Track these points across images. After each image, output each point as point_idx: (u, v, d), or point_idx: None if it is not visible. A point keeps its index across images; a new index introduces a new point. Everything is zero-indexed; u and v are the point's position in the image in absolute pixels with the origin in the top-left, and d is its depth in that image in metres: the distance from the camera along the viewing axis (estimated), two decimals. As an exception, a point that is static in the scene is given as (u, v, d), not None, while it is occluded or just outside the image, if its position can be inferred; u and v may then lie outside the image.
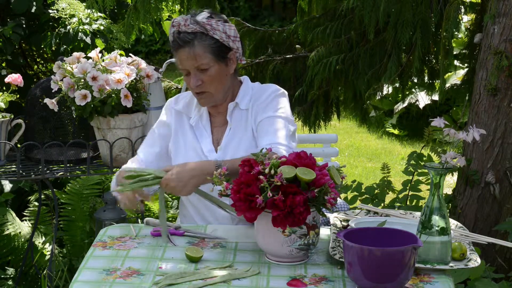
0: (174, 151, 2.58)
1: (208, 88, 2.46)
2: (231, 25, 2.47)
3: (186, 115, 2.60)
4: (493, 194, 3.51)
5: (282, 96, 2.54)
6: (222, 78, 2.48)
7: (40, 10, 4.02)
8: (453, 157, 2.08)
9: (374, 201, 3.80)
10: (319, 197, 2.06)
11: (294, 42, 4.54)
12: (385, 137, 7.40)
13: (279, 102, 2.51)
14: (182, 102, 2.62)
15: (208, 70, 2.44)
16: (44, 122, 3.28)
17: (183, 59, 2.43)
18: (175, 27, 2.42)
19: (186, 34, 2.40)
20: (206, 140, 2.55)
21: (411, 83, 4.66)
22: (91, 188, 3.97)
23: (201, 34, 2.41)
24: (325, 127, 4.46)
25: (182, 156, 2.54)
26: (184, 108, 2.60)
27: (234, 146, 2.50)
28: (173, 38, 2.44)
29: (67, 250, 3.90)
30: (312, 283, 2.02)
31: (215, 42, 2.42)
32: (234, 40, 2.47)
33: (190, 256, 2.15)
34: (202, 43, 2.41)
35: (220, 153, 2.51)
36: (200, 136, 2.56)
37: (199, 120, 2.58)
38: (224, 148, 2.51)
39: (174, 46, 2.44)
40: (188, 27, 2.40)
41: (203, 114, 2.58)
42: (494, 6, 3.42)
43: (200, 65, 2.42)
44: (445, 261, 2.09)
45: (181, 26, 2.41)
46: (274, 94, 2.52)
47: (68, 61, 3.08)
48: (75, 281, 2.03)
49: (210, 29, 2.41)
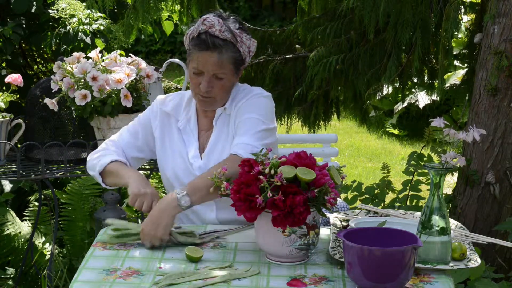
0: (162, 158, 2.57)
1: (216, 95, 2.45)
2: (254, 41, 2.47)
3: (174, 118, 2.58)
4: (493, 194, 3.51)
5: (260, 97, 2.50)
6: (230, 87, 2.49)
7: (40, 10, 4.02)
8: (453, 157, 2.09)
9: (374, 201, 3.80)
10: (319, 197, 2.06)
11: (294, 42, 4.54)
12: (385, 137, 7.41)
13: (255, 104, 2.47)
14: (171, 103, 2.58)
15: (223, 80, 2.43)
16: (44, 122, 3.28)
17: (205, 61, 2.40)
18: (206, 25, 2.38)
19: (218, 39, 2.37)
20: (192, 146, 2.54)
21: (411, 83, 4.66)
22: (91, 188, 3.97)
23: (231, 44, 2.40)
24: (325, 127, 4.46)
25: (171, 163, 2.54)
26: (172, 110, 2.58)
27: (218, 152, 2.49)
28: (199, 36, 2.39)
29: (67, 250, 3.90)
30: (312, 283, 2.02)
31: (239, 55, 2.43)
32: (251, 55, 2.48)
33: (190, 256, 2.16)
34: (229, 53, 2.40)
35: (204, 159, 2.50)
36: (187, 141, 2.55)
37: (187, 123, 2.56)
38: (208, 154, 2.50)
39: (198, 45, 2.39)
40: (222, 33, 2.37)
41: (191, 117, 2.56)
42: (494, 6, 3.42)
43: (220, 73, 2.41)
44: (445, 261, 2.09)
45: (214, 29, 2.37)
46: (253, 97, 2.49)
47: (68, 61, 3.08)
48: (75, 281, 2.03)
49: (240, 41, 2.41)
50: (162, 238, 2.24)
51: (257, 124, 2.42)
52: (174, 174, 2.54)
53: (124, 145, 2.58)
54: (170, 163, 2.55)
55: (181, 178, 2.52)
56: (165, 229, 2.24)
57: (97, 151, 2.58)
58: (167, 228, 2.25)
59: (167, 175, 2.56)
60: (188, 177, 2.48)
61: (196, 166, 2.50)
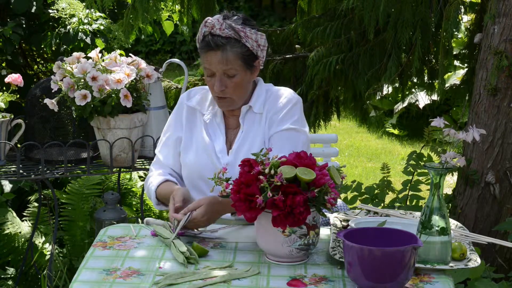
0: (186, 152, 2.55)
1: (231, 94, 2.45)
2: (262, 34, 2.46)
3: (200, 112, 2.57)
4: (493, 194, 3.51)
5: (296, 105, 2.52)
6: (245, 85, 2.48)
7: (40, 10, 4.02)
8: (453, 157, 2.09)
9: (374, 201, 3.80)
10: (319, 197, 2.06)
11: (294, 42, 4.54)
12: (385, 137, 7.40)
13: (293, 113, 2.49)
14: (195, 98, 2.59)
15: (235, 77, 2.43)
16: (44, 122, 3.28)
17: (212, 61, 2.41)
18: (208, 27, 2.39)
19: (219, 38, 2.38)
20: (219, 139, 2.52)
21: (411, 83, 4.66)
22: (91, 188, 3.97)
23: (234, 40, 2.39)
24: (325, 127, 4.46)
25: (194, 158, 2.52)
26: (197, 104, 2.57)
27: (246, 150, 2.47)
28: (204, 39, 2.41)
29: (67, 250, 3.90)
30: (312, 283, 2.02)
31: (246, 50, 2.42)
32: (263, 49, 2.47)
33: (198, 247, 2.16)
34: (234, 50, 2.39)
35: (231, 156, 2.49)
36: (213, 134, 2.53)
37: (213, 118, 2.55)
38: (236, 152, 2.49)
39: (204, 47, 2.41)
40: (223, 31, 2.38)
41: (217, 112, 2.55)
42: (494, 6, 3.43)
43: (229, 71, 2.41)
44: (445, 261, 2.09)
45: (215, 28, 2.38)
46: (289, 104, 2.50)
47: (68, 61, 3.08)
48: (75, 281, 2.03)
49: (244, 36, 2.40)
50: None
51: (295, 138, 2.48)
52: (197, 170, 2.51)
53: (171, 164, 2.59)
54: (193, 158, 2.53)
55: (205, 173, 2.48)
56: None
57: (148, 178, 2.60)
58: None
59: (190, 170, 2.54)
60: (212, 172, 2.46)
61: (223, 162, 2.48)
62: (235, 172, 2.19)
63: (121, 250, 2.24)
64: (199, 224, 2.32)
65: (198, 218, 2.30)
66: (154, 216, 4.16)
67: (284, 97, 2.52)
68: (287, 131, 2.47)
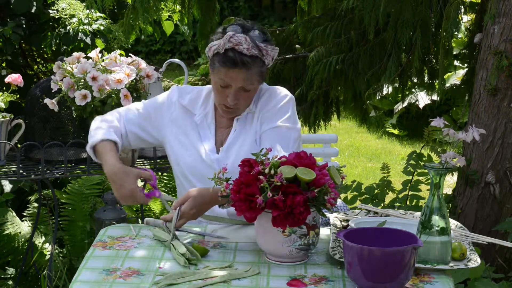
0: (177, 151, 2.56)
1: (240, 105, 2.48)
2: (277, 49, 2.48)
3: (191, 112, 2.59)
4: (493, 194, 3.51)
5: (289, 103, 2.53)
6: (254, 95, 2.51)
7: (40, 10, 4.02)
8: (453, 157, 2.09)
9: (374, 201, 3.80)
10: (319, 197, 2.06)
11: (294, 42, 4.54)
12: (385, 137, 7.41)
13: (285, 110, 2.50)
14: (188, 97, 2.60)
15: (250, 91, 2.46)
16: (44, 122, 3.28)
17: (234, 77, 2.40)
18: (232, 43, 2.37)
19: (246, 57, 2.38)
20: (208, 140, 2.54)
21: (411, 83, 4.66)
22: (91, 188, 3.97)
23: (258, 59, 2.41)
24: (325, 127, 4.46)
25: (186, 157, 2.53)
26: (189, 104, 2.59)
27: (237, 148, 2.49)
28: (226, 54, 2.38)
29: (67, 250, 3.90)
30: (312, 283, 2.02)
31: (264, 66, 2.45)
32: (273, 61, 2.50)
33: (198, 247, 2.16)
34: (257, 68, 2.42)
35: (222, 154, 2.51)
36: (203, 135, 2.55)
37: (204, 118, 2.57)
38: (227, 149, 2.51)
39: (226, 62, 2.39)
40: (250, 50, 2.38)
41: (208, 113, 2.57)
42: (494, 6, 3.43)
43: (247, 86, 2.43)
44: (445, 261, 2.09)
45: (242, 47, 2.37)
46: (281, 101, 2.51)
47: (68, 61, 3.08)
48: (75, 281, 2.03)
49: (265, 54, 2.43)
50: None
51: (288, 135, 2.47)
52: (189, 168, 2.53)
53: (127, 120, 2.60)
54: (185, 156, 2.54)
55: (197, 171, 2.50)
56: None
57: (101, 120, 2.60)
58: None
59: (182, 168, 2.55)
60: (204, 170, 2.49)
61: (213, 158, 2.50)
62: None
63: (121, 250, 2.24)
64: (188, 218, 2.32)
65: (186, 211, 2.30)
66: (154, 216, 4.16)
67: (276, 95, 2.54)
68: (279, 128, 2.48)
